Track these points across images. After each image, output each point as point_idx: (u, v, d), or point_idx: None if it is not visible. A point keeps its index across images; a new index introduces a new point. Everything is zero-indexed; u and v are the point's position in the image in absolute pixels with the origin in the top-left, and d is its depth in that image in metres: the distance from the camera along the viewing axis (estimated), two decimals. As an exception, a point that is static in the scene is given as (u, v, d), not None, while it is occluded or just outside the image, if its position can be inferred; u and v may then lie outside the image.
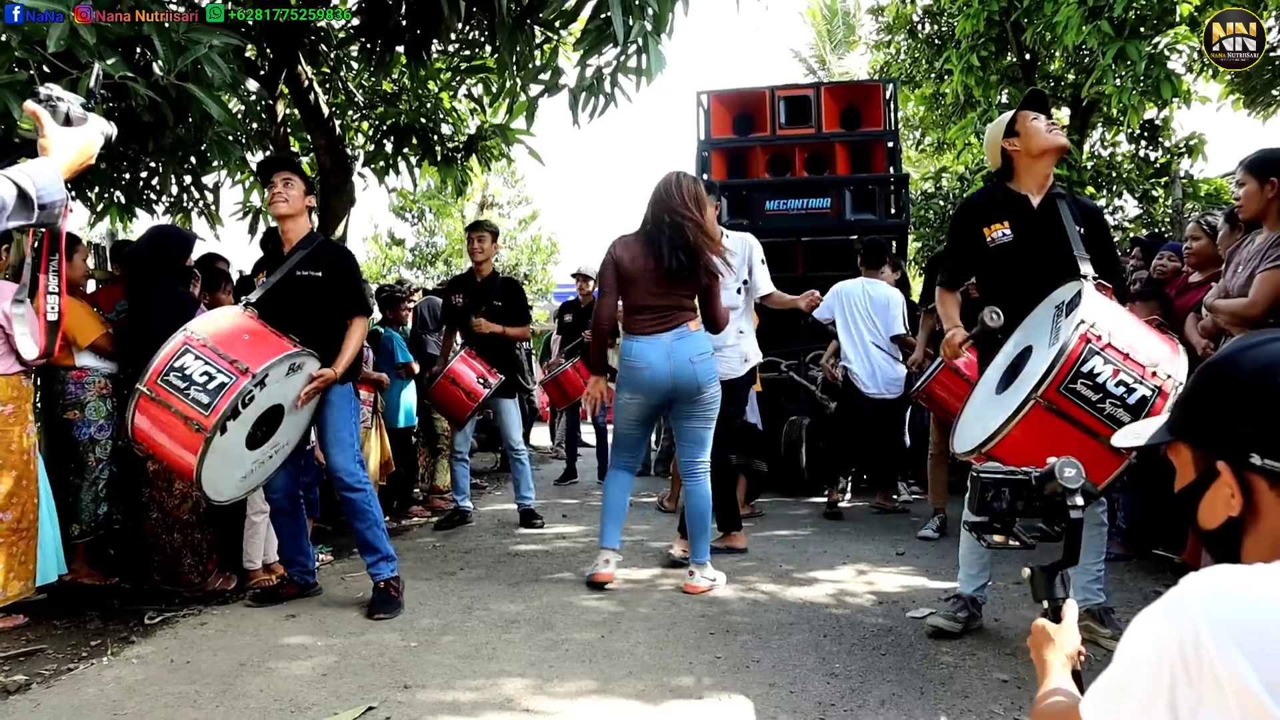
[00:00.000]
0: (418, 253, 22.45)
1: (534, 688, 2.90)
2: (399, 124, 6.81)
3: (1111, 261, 3.35)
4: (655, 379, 4.04)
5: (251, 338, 3.58)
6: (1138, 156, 10.10)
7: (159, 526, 4.23)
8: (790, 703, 2.74)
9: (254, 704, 2.78)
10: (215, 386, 3.36)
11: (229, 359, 3.41)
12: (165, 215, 6.27)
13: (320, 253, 3.98)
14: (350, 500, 3.90)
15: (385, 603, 3.81)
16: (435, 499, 6.83)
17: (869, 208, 7.65)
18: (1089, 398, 2.63)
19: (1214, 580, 0.93)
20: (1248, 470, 1.01)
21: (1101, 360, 2.62)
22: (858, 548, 5.09)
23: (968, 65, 9.51)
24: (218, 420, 3.32)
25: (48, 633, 3.60)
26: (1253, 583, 0.91)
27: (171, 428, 3.38)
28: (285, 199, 3.90)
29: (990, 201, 3.46)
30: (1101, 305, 2.78)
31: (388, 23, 5.47)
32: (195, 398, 3.34)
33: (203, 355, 3.40)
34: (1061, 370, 2.63)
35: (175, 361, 3.39)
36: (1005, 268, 3.35)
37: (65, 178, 1.78)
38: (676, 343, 4.03)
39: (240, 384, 3.37)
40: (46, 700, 2.84)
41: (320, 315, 3.91)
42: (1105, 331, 2.65)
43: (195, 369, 3.38)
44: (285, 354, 3.56)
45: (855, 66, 19.18)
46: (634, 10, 4.51)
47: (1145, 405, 2.60)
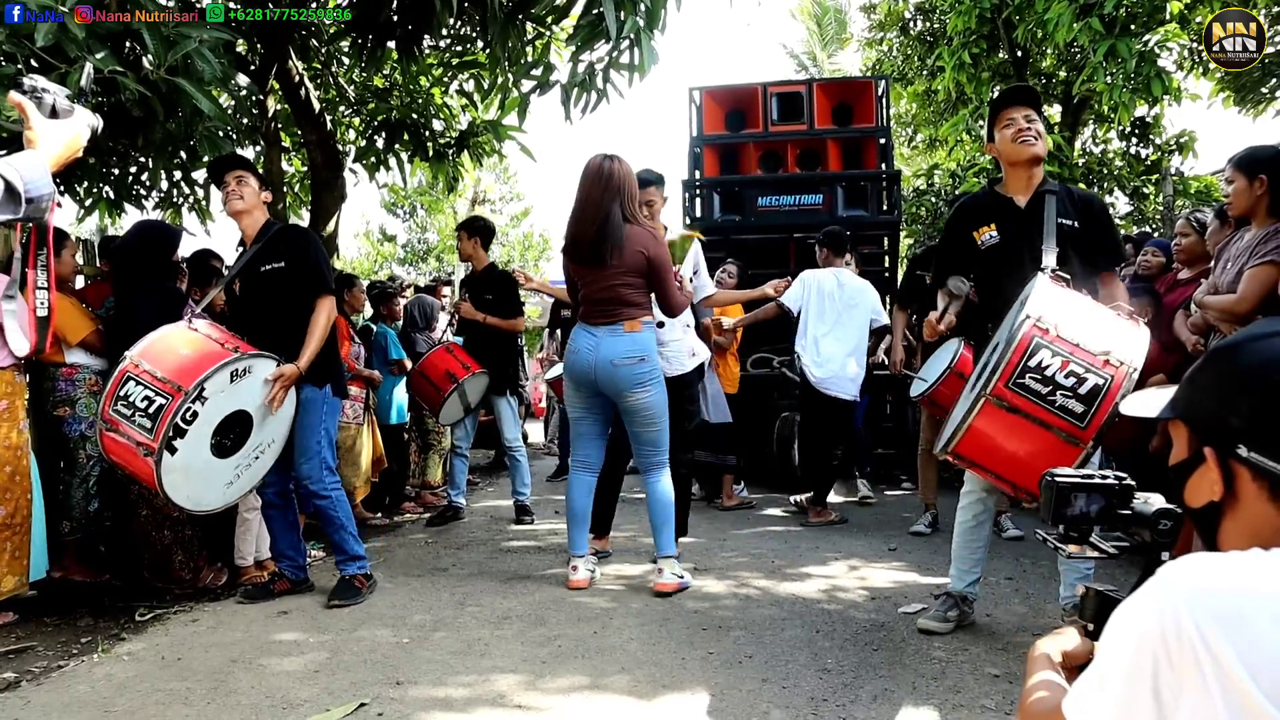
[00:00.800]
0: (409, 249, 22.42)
1: (526, 684, 2.90)
2: (390, 119, 6.80)
3: (1112, 249, 3.37)
4: (580, 366, 4.02)
5: (189, 351, 3.58)
6: (1129, 154, 10.15)
7: (149, 524, 4.21)
8: (783, 698, 2.75)
9: (245, 701, 2.77)
10: (155, 410, 3.41)
11: (163, 379, 3.44)
12: (155, 211, 6.24)
13: (278, 242, 3.94)
14: (319, 508, 3.97)
15: (345, 591, 3.90)
16: (427, 495, 6.83)
17: (861, 204, 7.66)
18: (1039, 390, 2.67)
19: (1193, 567, 0.94)
20: (1233, 459, 1.02)
21: (1049, 352, 2.66)
22: (850, 543, 5.10)
23: (959, 62, 9.55)
24: (160, 443, 3.36)
25: (38, 630, 3.59)
26: (1230, 570, 0.93)
27: (129, 453, 3.45)
28: (239, 195, 3.88)
29: (980, 205, 3.49)
30: (1051, 296, 2.81)
31: (379, 18, 5.46)
32: (140, 423, 3.41)
33: (142, 380, 3.45)
34: (1009, 366, 2.68)
35: (120, 390, 3.46)
36: (995, 269, 3.36)
37: (52, 171, 1.77)
38: (605, 339, 3.96)
39: (175, 403, 3.39)
40: (36, 697, 2.83)
41: (293, 307, 3.88)
42: (1053, 323, 2.69)
43: (137, 395, 3.44)
44: (220, 363, 3.52)
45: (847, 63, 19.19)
46: (626, 6, 4.51)
47: (1098, 394, 2.63)
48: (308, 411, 3.92)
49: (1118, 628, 0.99)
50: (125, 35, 3.72)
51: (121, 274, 4.33)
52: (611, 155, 3.96)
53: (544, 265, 22.96)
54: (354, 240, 22.35)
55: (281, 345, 3.78)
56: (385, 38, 5.80)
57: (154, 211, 6.23)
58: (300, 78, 6.05)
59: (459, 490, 6.13)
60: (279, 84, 5.99)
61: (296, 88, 6.02)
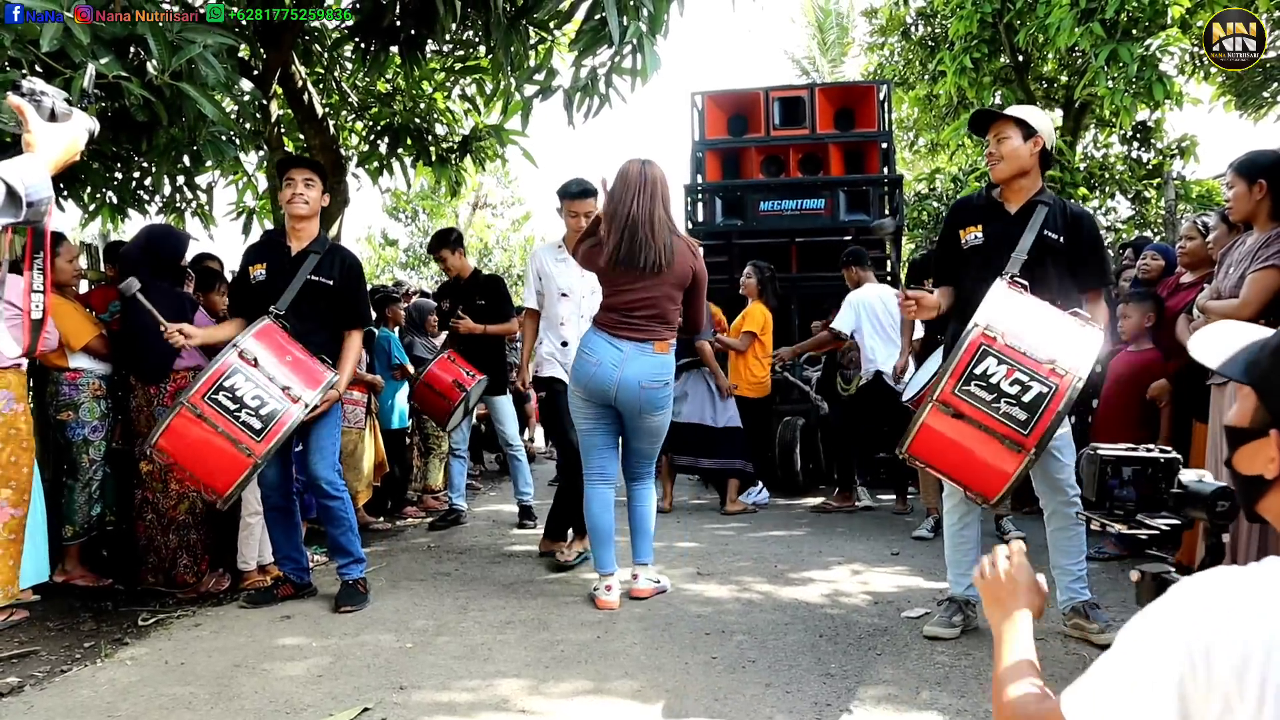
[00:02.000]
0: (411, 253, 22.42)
1: (529, 688, 2.90)
2: (393, 124, 6.81)
3: (1098, 270, 3.36)
4: (600, 381, 3.78)
5: (294, 360, 3.60)
6: (1130, 158, 10.15)
7: (154, 528, 4.21)
8: (786, 703, 2.74)
9: (249, 705, 2.77)
10: (268, 413, 3.37)
11: (280, 384, 3.41)
12: (158, 215, 6.25)
13: (332, 260, 3.99)
14: (329, 507, 3.96)
15: (352, 596, 3.89)
16: (429, 499, 6.83)
17: (863, 209, 7.67)
18: (983, 398, 2.74)
19: (1215, 588, 0.93)
20: None
21: (995, 360, 2.72)
22: (853, 548, 5.10)
23: (961, 67, 9.56)
24: (271, 447, 3.34)
25: (41, 634, 3.59)
26: (1253, 592, 0.91)
27: (213, 447, 3.37)
28: (306, 200, 3.90)
29: (973, 206, 3.53)
30: (1003, 304, 2.86)
31: (382, 22, 5.47)
32: (246, 422, 3.35)
33: (253, 377, 3.40)
34: (955, 372, 2.75)
35: (225, 380, 3.38)
36: (973, 270, 3.36)
37: (51, 174, 1.77)
38: (634, 357, 3.77)
39: (293, 412, 3.40)
40: (40, 702, 2.83)
41: (323, 321, 3.95)
42: (1000, 332, 2.75)
43: (246, 391, 3.38)
44: (326, 381, 3.62)
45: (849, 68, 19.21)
46: (629, 11, 4.52)
47: (1041, 402, 2.68)
48: (326, 416, 3.93)
49: (1139, 635, 0.97)
50: (129, 40, 3.72)
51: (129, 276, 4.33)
52: (647, 160, 3.84)
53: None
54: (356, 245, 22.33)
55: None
56: (388, 42, 5.80)
57: (157, 216, 6.24)
58: (303, 82, 6.06)
59: (459, 493, 6.13)
60: (282, 88, 6.00)
61: (300, 92, 6.03)
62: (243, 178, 6.98)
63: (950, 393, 2.77)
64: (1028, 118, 3.28)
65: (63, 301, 4.23)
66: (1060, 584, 3.34)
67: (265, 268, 3.94)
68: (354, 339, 4.02)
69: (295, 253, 3.95)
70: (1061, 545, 3.32)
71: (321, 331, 3.92)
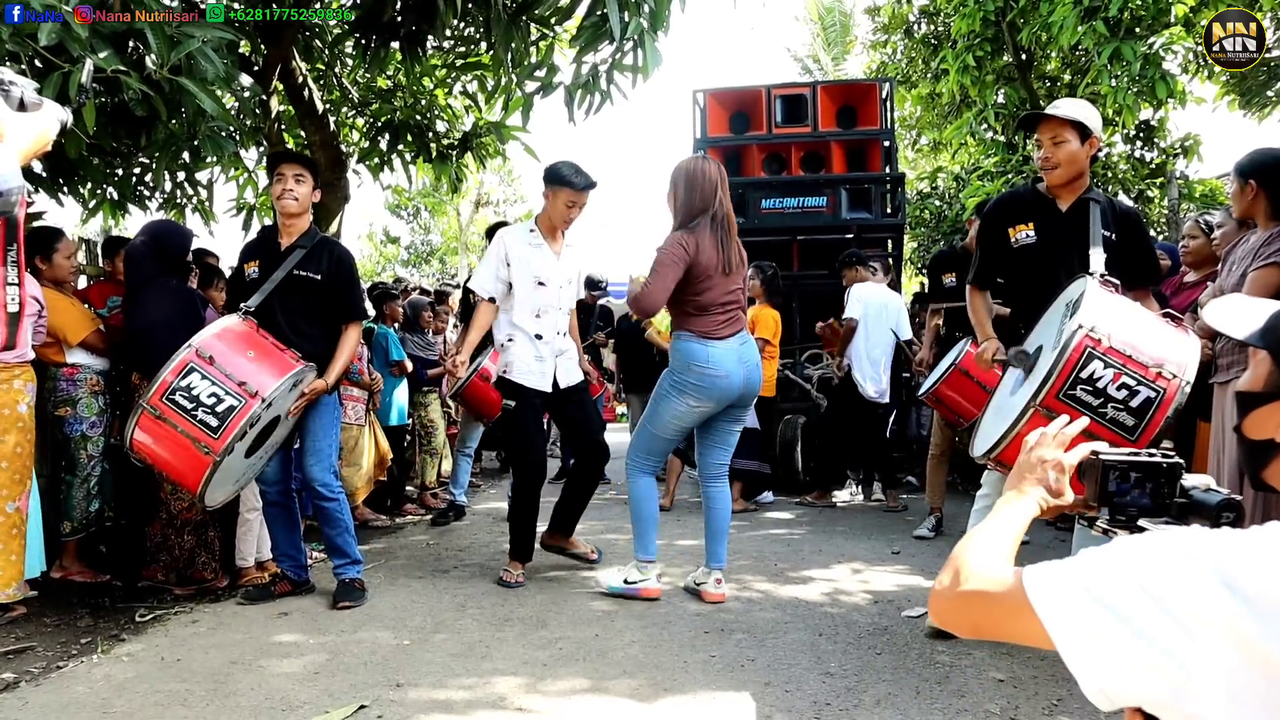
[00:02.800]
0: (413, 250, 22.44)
1: (527, 686, 2.89)
2: (394, 120, 6.79)
3: (1148, 266, 3.31)
4: (730, 387, 3.84)
5: (256, 354, 3.56)
6: (1133, 157, 10.10)
7: (168, 528, 4.20)
8: (786, 701, 2.73)
9: (245, 702, 2.76)
10: (224, 410, 3.34)
11: (236, 380, 3.39)
12: (158, 211, 6.23)
13: (320, 253, 3.96)
14: (324, 509, 3.95)
15: (349, 593, 3.90)
16: (427, 496, 6.83)
17: (865, 207, 7.66)
18: (1089, 403, 2.58)
19: (1232, 543, 0.89)
20: None
21: (1102, 364, 2.57)
22: (853, 547, 5.09)
23: (964, 65, 9.52)
24: (227, 444, 3.31)
25: (38, 630, 3.58)
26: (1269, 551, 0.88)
27: (177, 447, 3.36)
28: (295, 196, 3.88)
29: (1020, 202, 3.43)
30: (1104, 304, 2.73)
31: (383, 18, 5.45)
32: (203, 420, 3.33)
33: (209, 375, 3.37)
34: (1060, 376, 2.59)
35: (180, 380, 3.36)
36: (1028, 270, 3.33)
37: (20, 164, 1.75)
38: (742, 348, 3.88)
39: (250, 408, 3.37)
40: (35, 698, 2.81)
41: (313, 316, 3.92)
42: (1106, 334, 2.60)
43: (202, 389, 3.36)
44: (290, 374, 3.56)
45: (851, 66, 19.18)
46: (630, 7, 4.50)
47: (1150, 407, 2.54)
48: (321, 416, 3.92)
49: (1147, 544, 0.93)
50: (128, 35, 3.70)
51: (134, 274, 4.32)
52: (703, 156, 3.98)
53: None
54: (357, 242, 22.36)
55: (296, 349, 3.78)
56: (389, 39, 5.78)
57: (157, 212, 6.23)
58: (304, 78, 6.04)
59: (461, 489, 6.13)
60: (282, 84, 5.98)
61: (300, 88, 6.01)
62: (243, 174, 6.96)
63: (1055, 397, 2.60)
64: (1085, 119, 3.19)
65: (60, 297, 4.22)
66: None
67: (258, 265, 3.94)
68: (350, 333, 3.99)
69: (284, 248, 3.93)
70: (1084, 543, 3.30)
71: (314, 326, 3.91)
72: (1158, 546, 0.92)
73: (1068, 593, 0.94)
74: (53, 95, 3.42)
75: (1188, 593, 0.86)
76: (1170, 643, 0.86)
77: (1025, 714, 2.62)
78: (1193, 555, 0.89)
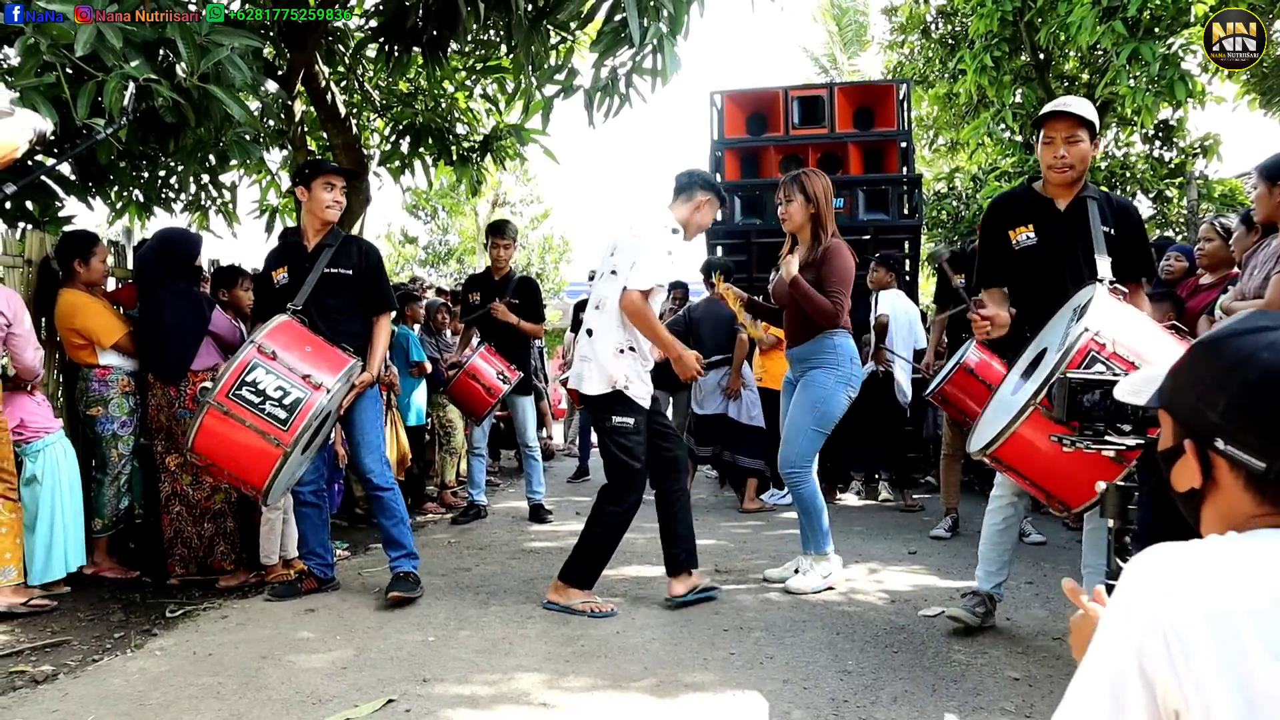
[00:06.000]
0: (430, 251, 22.54)
1: (549, 682, 2.94)
2: (415, 124, 6.87)
3: (1144, 260, 3.30)
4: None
5: (313, 349, 3.66)
6: (1152, 157, 10.07)
7: (182, 520, 4.28)
8: (804, 699, 2.77)
9: (276, 696, 2.83)
10: (291, 402, 3.42)
11: (299, 373, 3.47)
12: (183, 214, 6.34)
13: (348, 249, 4.07)
14: (380, 499, 3.99)
15: (403, 584, 3.90)
16: (447, 495, 6.91)
17: (882, 208, 7.67)
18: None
19: (1168, 562, 0.97)
20: (1211, 450, 1.06)
21: (1104, 367, 2.63)
22: (869, 547, 5.12)
23: (981, 65, 9.52)
24: (297, 436, 3.39)
25: (73, 624, 3.66)
26: (1206, 568, 0.95)
27: (244, 441, 3.42)
28: (341, 205, 4.06)
29: (1017, 203, 3.44)
30: (1110, 311, 2.77)
31: (405, 24, 5.52)
32: (271, 413, 3.40)
33: (273, 369, 3.45)
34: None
35: (246, 375, 3.43)
36: (1030, 272, 3.34)
37: None
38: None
39: (316, 399, 3.45)
40: (74, 690, 2.89)
41: (349, 312, 4.02)
42: (1110, 339, 2.65)
43: (268, 383, 3.43)
44: (347, 368, 3.67)
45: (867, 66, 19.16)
46: (649, 11, 4.55)
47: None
48: (368, 409, 4.00)
49: (1099, 632, 1.01)
50: (159, 43, 3.79)
51: (145, 280, 4.41)
52: (816, 170, 4.31)
53: (563, 268, 23.04)
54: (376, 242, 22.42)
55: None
56: (411, 43, 5.86)
57: (182, 215, 6.33)
58: (326, 82, 6.13)
59: (479, 489, 6.21)
60: (305, 88, 6.07)
61: (323, 92, 6.10)
62: (266, 176, 7.06)
63: None
64: (1093, 118, 3.20)
65: (92, 300, 4.32)
66: (1088, 582, 3.35)
67: (286, 270, 4.03)
68: (383, 323, 4.11)
69: (311, 249, 4.03)
70: (1094, 543, 3.32)
71: (352, 321, 4.01)
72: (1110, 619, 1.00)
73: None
74: (86, 104, 3.51)
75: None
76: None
77: (1040, 712, 2.65)
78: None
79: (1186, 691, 0.89)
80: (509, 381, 5.72)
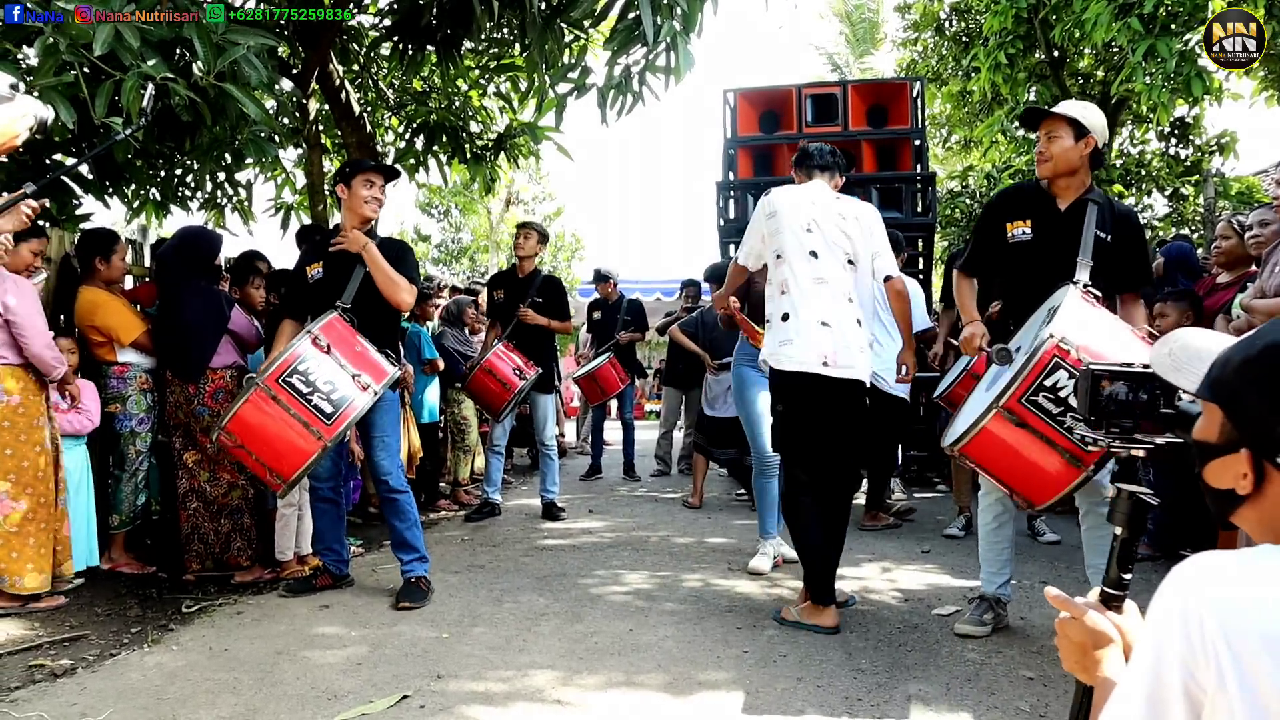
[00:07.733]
0: (443, 249, 22.62)
1: (563, 679, 2.95)
2: (429, 122, 6.89)
3: (1139, 269, 3.31)
4: None
5: (362, 350, 3.71)
6: (1168, 154, 10.00)
7: (199, 516, 4.31)
8: (817, 696, 2.78)
9: (292, 691, 2.85)
10: (339, 398, 3.47)
11: (350, 371, 3.51)
12: (199, 211, 6.38)
13: (385, 251, 4.05)
14: (394, 501, 3.98)
15: (412, 593, 3.90)
16: (461, 492, 6.93)
17: (895, 206, 7.64)
18: (1049, 410, 2.72)
19: (1217, 571, 0.94)
20: (1269, 463, 1.01)
21: (1066, 374, 2.68)
22: (883, 545, 5.11)
23: (995, 63, 9.46)
24: (339, 432, 3.44)
25: (90, 619, 3.70)
26: (1262, 579, 0.91)
27: (283, 429, 3.45)
28: (380, 204, 4.07)
29: (1021, 196, 3.45)
30: (1079, 315, 2.81)
31: (419, 22, 5.54)
32: (318, 405, 3.44)
33: (325, 364, 3.49)
34: (1024, 382, 2.72)
35: (300, 364, 3.46)
36: (1020, 266, 3.35)
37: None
38: None
39: (363, 400, 3.50)
40: (92, 684, 2.92)
41: (380, 312, 4.00)
42: (1075, 345, 2.69)
43: (319, 376, 3.47)
44: (390, 375, 3.72)
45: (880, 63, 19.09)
46: (663, 10, 4.55)
47: None
48: (388, 411, 3.99)
49: (1141, 641, 0.99)
50: (175, 42, 3.82)
51: (166, 278, 4.44)
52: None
53: (575, 265, 23.07)
54: (388, 240, 22.54)
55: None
56: (425, 42, 5.88)
57: (199, 213, 6.37)
58: (341, 81, 6.15)
59: (495, 487, 6.22)
60: (320, 87, 6.10)
61: (337, 90, 6.12)
62: (281, 174, 7.09)
63: (1017, 401, 2.73)
64: (1081, 117, 3.21)
65: (112, 298, 4.35)
66: (1093, 584, 3.34)
67: (321, 266, 4.04)
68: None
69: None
70: (1096, 545, 3.31)
71: (376, 315, 3.98)
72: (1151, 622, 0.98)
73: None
74: (104, 103, 3.54)
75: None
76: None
77: (1055, 712, 2.65)
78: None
79: (1237, 713, 0.86)
80: (525, 377, 5.73)
